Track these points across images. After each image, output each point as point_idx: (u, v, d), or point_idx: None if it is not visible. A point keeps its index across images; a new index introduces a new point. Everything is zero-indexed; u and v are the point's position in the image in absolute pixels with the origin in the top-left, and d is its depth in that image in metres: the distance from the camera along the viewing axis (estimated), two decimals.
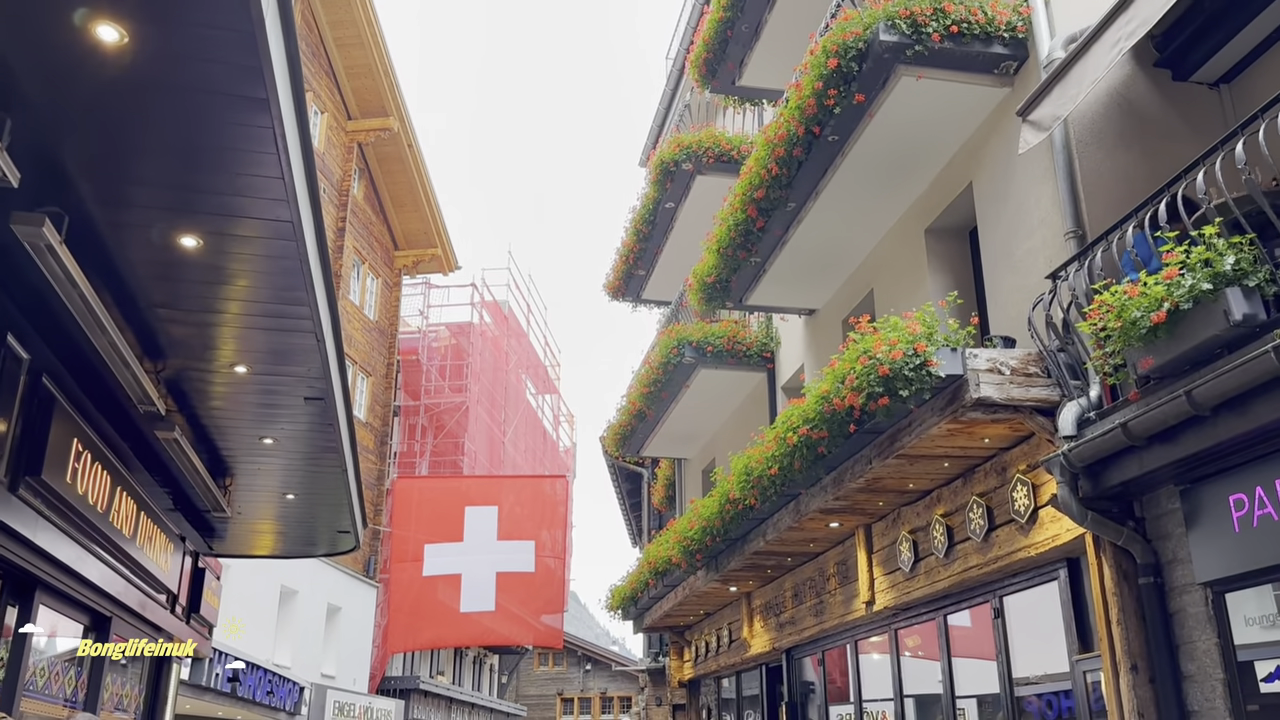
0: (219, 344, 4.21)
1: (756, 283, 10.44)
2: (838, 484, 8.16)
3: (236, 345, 4.21)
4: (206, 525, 7.25)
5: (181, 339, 4.16)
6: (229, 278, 3.67)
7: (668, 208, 14.33)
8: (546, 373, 34.17)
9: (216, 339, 4.17)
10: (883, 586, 9.00)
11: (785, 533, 9.55)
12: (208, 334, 4.12)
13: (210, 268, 3.60)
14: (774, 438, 8.02)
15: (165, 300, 3.83)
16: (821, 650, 10.98)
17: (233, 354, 4.30)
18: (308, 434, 5.26)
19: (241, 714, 14.92)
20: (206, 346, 4.26)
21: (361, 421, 22.67)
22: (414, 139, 23.44)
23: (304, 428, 5.17)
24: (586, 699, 41.48)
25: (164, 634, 6.39)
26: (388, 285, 24.69)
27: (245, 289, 3.74)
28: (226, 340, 4.16)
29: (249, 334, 4.08)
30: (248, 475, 5.95)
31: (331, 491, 6.30)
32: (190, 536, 7.05)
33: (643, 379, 13.40)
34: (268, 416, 5.01)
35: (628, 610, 15.76)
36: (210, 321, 4.01)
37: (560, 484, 16.17)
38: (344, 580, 20.82)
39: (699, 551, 10.83)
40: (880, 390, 6.40)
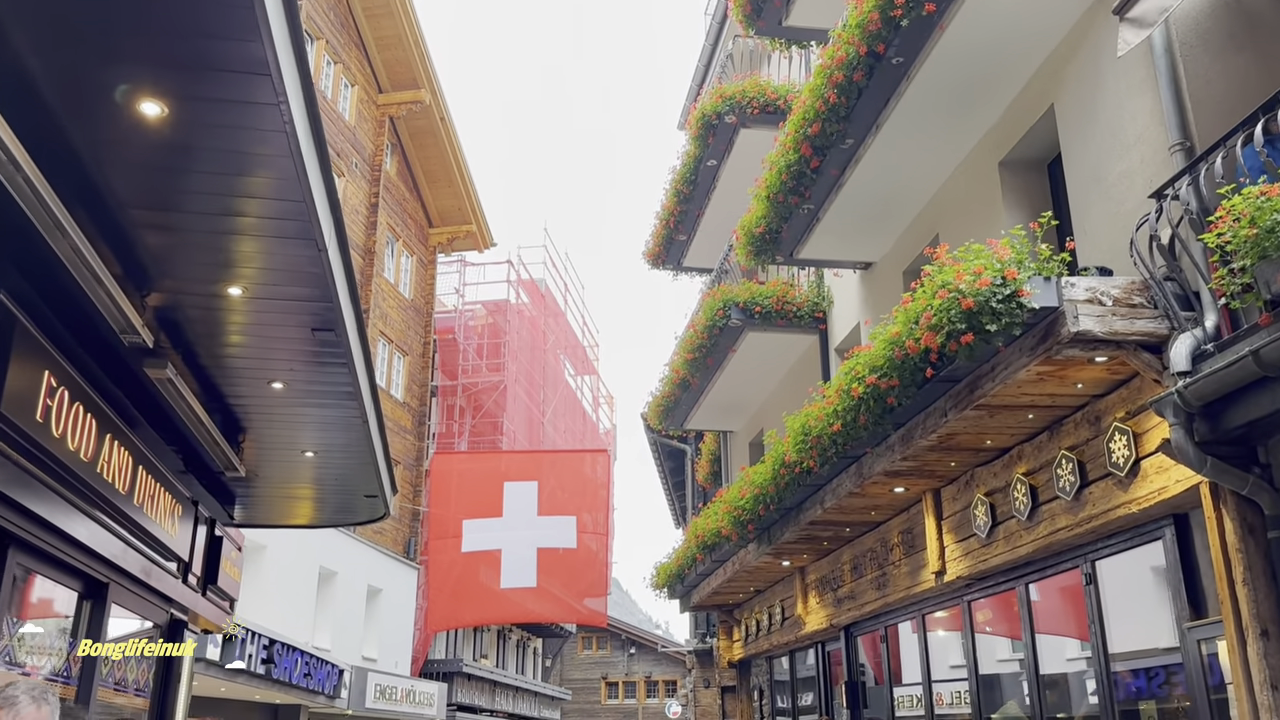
0: (204, 257, 3.61)
1: (809, 233, 9.72)
2: (906, 442, 7.45)
3: (224, 259, 3.61)
4: (224, 491, 6.72)
5: (160, 250, 3.57)
6: (201, 162, 3.06)
7: (709, 165, 13.63)
8: (585, 353, 33.62)
9: (200, 250, 3.57)
10: (954, 555, 8.28)
11: (845, 499, 8.85)
12: (189, 243, 3.52)
13: (180, 149, 2.98)
14: (836, 391, 7.32)
15: (134, 197, 3.23)
16: (884, 626, 10.28)
17: (222, 270, 3.70)
18: (320, 376, 4.67)
19: (280, 697, 14.54)
20: (191, 261, 3.67)
21: (399, 401, 22.26)
22: (446, 112, 22.91)
23: (315, 368, 4.58)
24: (631, 683, 41.06)
25: (175, 605, 5.86)
26: (422, 263, 24.23)
27: (223, 180, 3.13)
28: (212, 252, 3.56)
29: (235, 243, 3.48)
30: (260, 428, 5.39)
31: (354, 448, 5.72)
32: (207, 504, 6.52)
33: (686, 344, 12.73)
34: (273, 353, 4.42)
35: (674, 588, 15.14)
36: (189, 226, 3.41)
37: (602, 459, 15.60)
38: (384, 561, 20.45)
39: (751, 522, 10.16)
40: (963, 327, 5.68)
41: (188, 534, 5.88)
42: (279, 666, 12.84)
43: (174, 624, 5.92)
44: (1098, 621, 6.85)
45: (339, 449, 5.79)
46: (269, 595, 15.55)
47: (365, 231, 20.93)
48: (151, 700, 5.70)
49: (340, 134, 20.05)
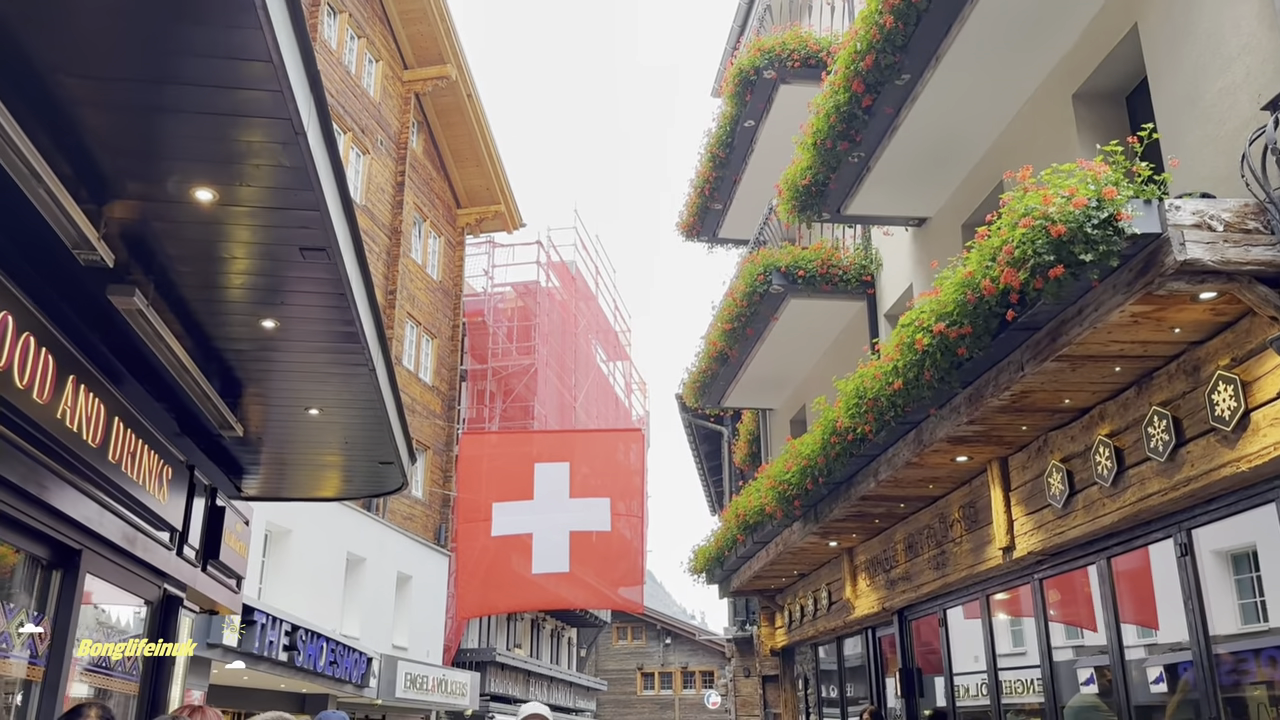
0: (160, 151, 3.01)
1: (858, 185, 9.00)
2: (974, 402, 6.73)
3: (184, 153, 3.00)
4: (229, 461, 6.17)
5: (108, 137, 2.96)
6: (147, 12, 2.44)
7: (747, 126, 12.91)
8: (617, 338, 33.01)
9: (153, 141, 2.96)
10: (1025, 528, 7.55)
11: (902, 471, 8.14)
12: (139, 130, 2.92)
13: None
14: (896, 345, 6.62)
15: (63, 61, 2.62)
16: (942, 609, 9.55)
17: (185, 170, 3.09)
18: (316, 312, 4.07)
19: (306, 686, 14.09)
20: (147, 155, 3.06)
21: (427, 385, 21.79)
22: (473, 88, 22.34)
23: (310, 302, 3.98)
24: (667, 673, 40.50)
25: (169, 580, 5.31)
26: (450, 244, 23.72)
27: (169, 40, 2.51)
28: (168, 143, 2.95)
29: (192, 129, 2.86)
30: (255, 379, 4.81)
31: (362, 404, 5.13)
32: (208, 472, 5.97)
33: (725, 314, 12.05)
34: (258, 281, 3.81)
35: (713, 573, 14.49)
36: (135, 103, 2.79)
37: (636, 439, 15.01)
38: (414, 548, 19.99)
39: (797, 498, 9.47)
40: (1050, 259, 4.97)
41: (180, 501, 5.32)
42: (302, 654, 12.35)
43: (168, 600, 5.38)
44: (1195, 598, 6.11)
45: (346, 405, 5.20)
46: (295, 581, 15.11)
47: (391, 210, 20.44)
48: (141, 683, 5.16)
49: (365, 110, 19.55)
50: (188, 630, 5.65)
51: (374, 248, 19.48)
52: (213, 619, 10.09)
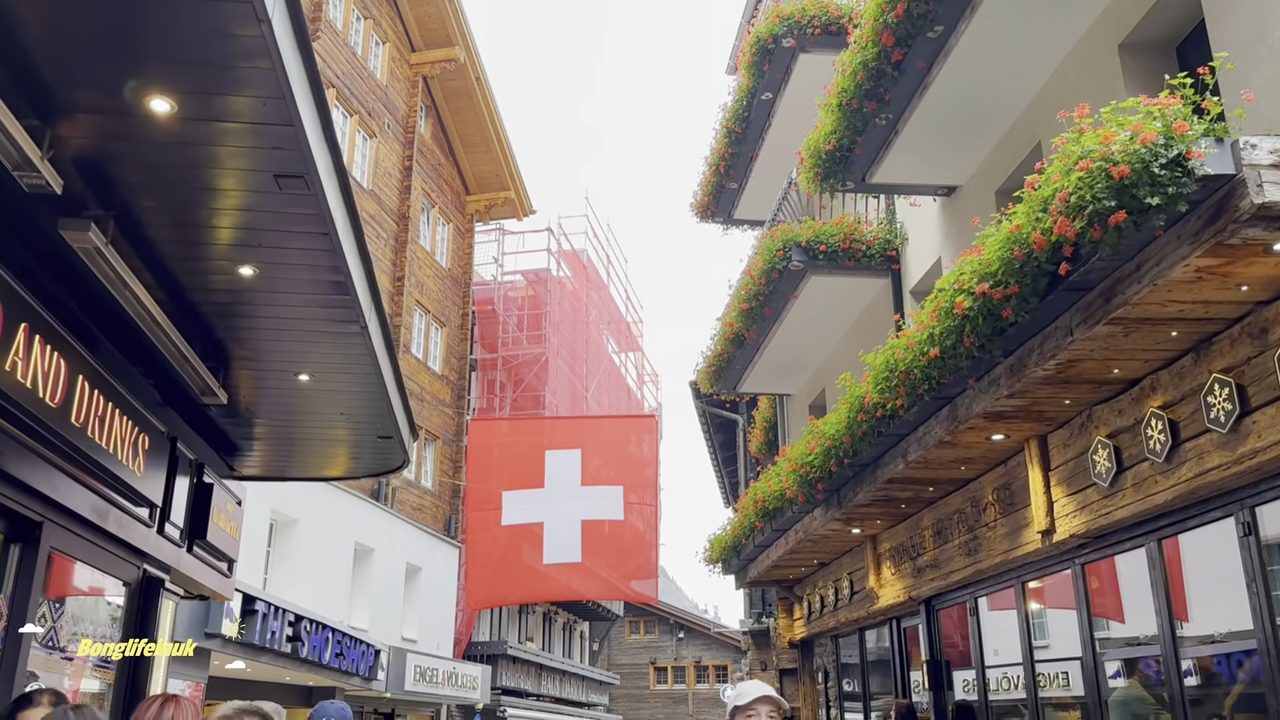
0: (104, 49, 2.58)
1: (885, 150, 8.54)
2: (1016, 373, 6.27)
3: (132, 52, 2.58)
4: (219, 436, 5.76)
5: (45, 36, 2.53)
6: None
7: (764, 99, 12.46)
8: (629, 329, 32.57)
9: (97, 37, 2.54)
10: (1067, 510, 7.08)
11: (933, 451, 7.68)
12: (79, 23, 2.49)
13: None
14: (933, 311, 6.16)
15: None
16: (973, 597, 9.09)
17: (136, 73, 2.66)
18: (300, 256, 3.64)
19: (312, 679, 13.72)
20: (90, 56, 2.64)
21: (437, 374, 21.41)
22: (482, 71, 21.92)
23: (291, 244, 3.56)
24: (680, 667, 40.10)
25: (149, 559, 4.90)
26: (459, 231, 23.32)
27: None
28: (112, 39, 2.52)
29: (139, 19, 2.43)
30: (238, 336, 4.39)
31: (356, 369, 4.70)
32: (194, 446, 5.56)
33: (741, 293, 11.59)
34: (232, 219, 3.39)
35: (729, 562, 14.05)
36: None
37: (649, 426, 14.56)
38: (423, 539, 19.62)
39: (820, 481, 9.02)
40: (1111, 205, 4.50)
41: (160, 474, 4.91)
42: (307, 645, 11.97)
43: (148, 581, 4.97)
44: (1260, 581, 5.64)
45: (338, 369, 4.77)
46: (301, 572, 14.75)
47: (399, 195, 20.04)
48: (119, 673, 4.76)
49: (371, 93, 19.15)
50: (171, 615, 5.25)
51: (381, 233, 19.09)
52: (210, 608, 9.72)
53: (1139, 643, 7.24)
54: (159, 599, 4.98)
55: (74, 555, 4.11)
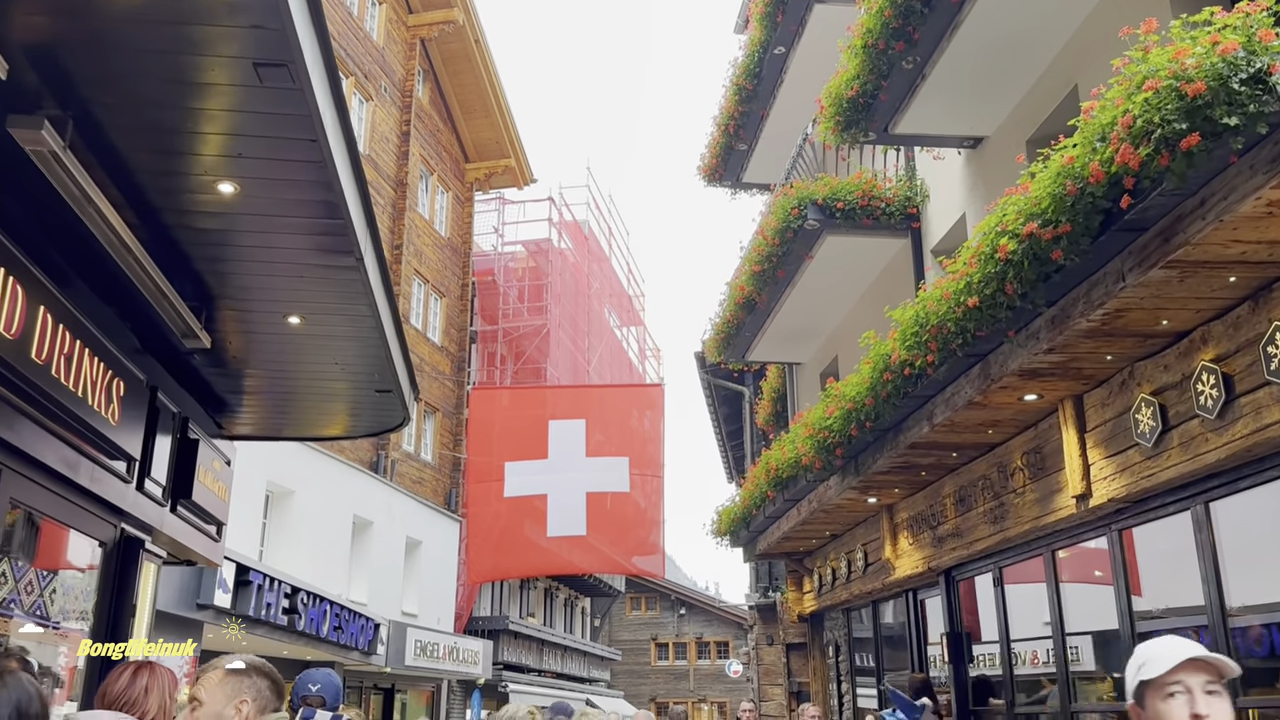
0: None
1: (911, 96, 8.09)
2: (1058, 325, 5.86)
3: None
4: (202, 387, 5.36)
5: None
6: None
7: (777, 54, 11.97)
8: (631, 303, 32.14)
9: None
10: (1104, 473, 6.70)
11: (961, 412, 7.30)
12: None
13: None
14: (971, 256, 5.74)
15: None
16: (998, 567, 8.73)
17: None
18: (285, 170, 3.23)
19: (310, 653, 13.39)
20: None
21: (436, 345, 21.00)
22: (481, 34, 21.37)
23: (275, 154, 3.14)
24: (681, 644, 39.95)
25: (127, 518, 4.52)
26: (459, 200, 22.84)
27: None
28: None
29: None
30: (219, 268, 3.98)
31: (351, 311, 4.29)
32: (177, 399, 5.15)
33: (753, 255, 11.16)
34: (206, 120, 2.96)
35: (737, 534, 13.71)
36: None
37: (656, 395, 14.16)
38: (423, 512, 19.28)
39: (839, 446, 8.63)
40: (1183, 127, 4.08)
41: (139, 425, 4.51)
42: (304, 618, 11.63)
43: (127, 542, 4.58)
44: None
45: (332, 311, 4.37)
46: (298, 544, 14.40)
47: (397, 161, 19.56)
48: (93, 638, 4.37)
49: (368, 54, 18.62)
50: (153, 579, 4.86)
51: (379, 200, 18.62)
52: (202, 578, 9.36)
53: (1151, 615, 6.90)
54: (139, 561, 4.59)
55: (39, 509, 3.72)
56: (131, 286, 3.97)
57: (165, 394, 4.85)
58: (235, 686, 2.50)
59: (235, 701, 2.49)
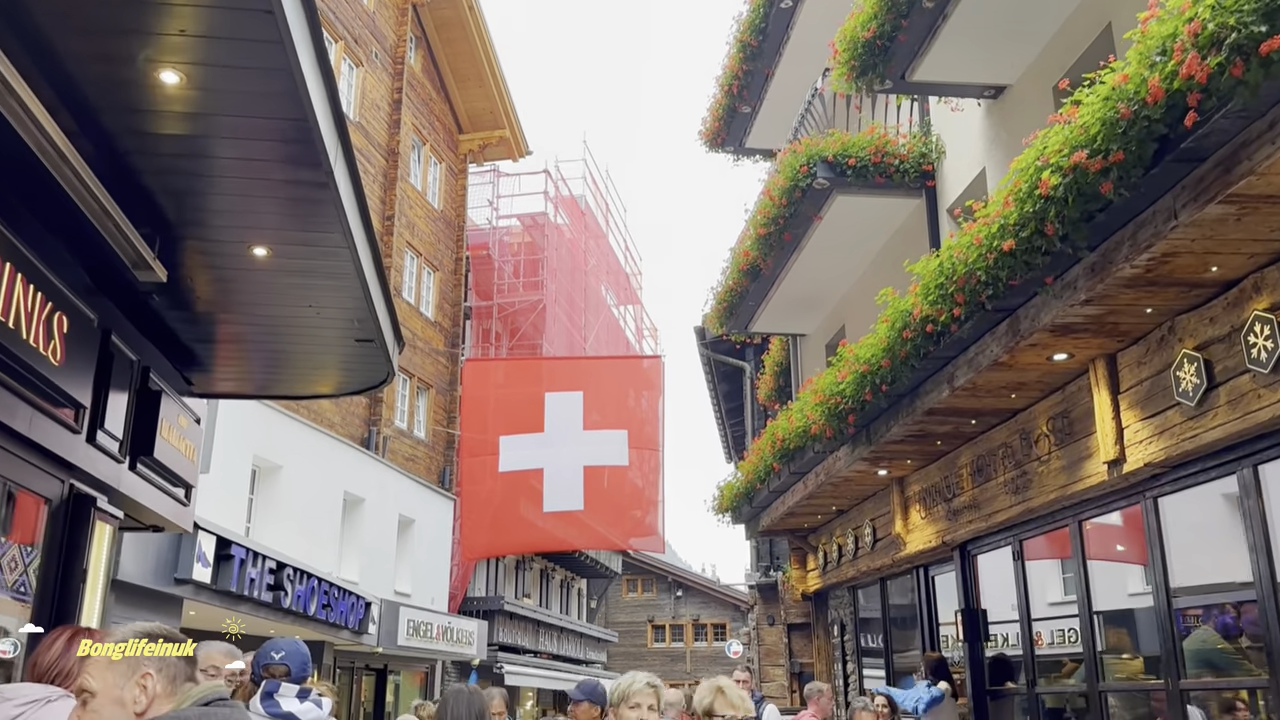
0: None
1: (931, 39, 7.60)
2: (1098, 272, 5.41)
3: None
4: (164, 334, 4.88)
5: None
6: None
7: (784, 7, 11.50)
8: (628, 280, 31.62)
9: None
10: (1140, 436, 6.26)
11: (985, 374, 6.85)
12: None
13: None
14: (1008, 196, 5.27)
15: None
16: (1018, 540, 8.31)
17: None
18: (237, 53, 2.73)
19: (298, 632, 12.95)
20: None
21: (429, 320, 20.51)
22: (475, 0, 20.77)
23: (225, 34, 2.64)
24: (678, 626, 39.67)
25: (76, 473, 4.05)
26: (452, 172, 22.29)
27: None
28: None
29: None
30: (171, 184, 3.51)
31: (323, 239, 3.81)
32: (135, 345, 4.67)
33: (759, 218, 10.68)
34: None
35: (739, 511, 13.29)
36: None
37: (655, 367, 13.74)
38: (416, 490, 18.84)
39: (853, 413, 8.18)
40: (1262, 29, 3.60)
41: (88, 369, 4.04)
42: (290, 595, 11.19)
43: (76, 500, 4.11)
44: None
45: (301, 242, 3.88)
46: (286, 521, 13.95)
47: (388, 130, 19.01)
48: (36, 607, 3.91)
49: (358, 18, 18.04)
50: (108, 542, 4.40)
51: (369, 169, 18.09)
52: (180, 550, 8.90)
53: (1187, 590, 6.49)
54: (90, 521, 4.13)
55: None
56: (77, 212, 3.49)
57: (122, 339, 4.37)
58: (133, 661, 2.04)
59: (136, 677, 2.03)
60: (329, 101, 3.16)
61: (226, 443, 12.00)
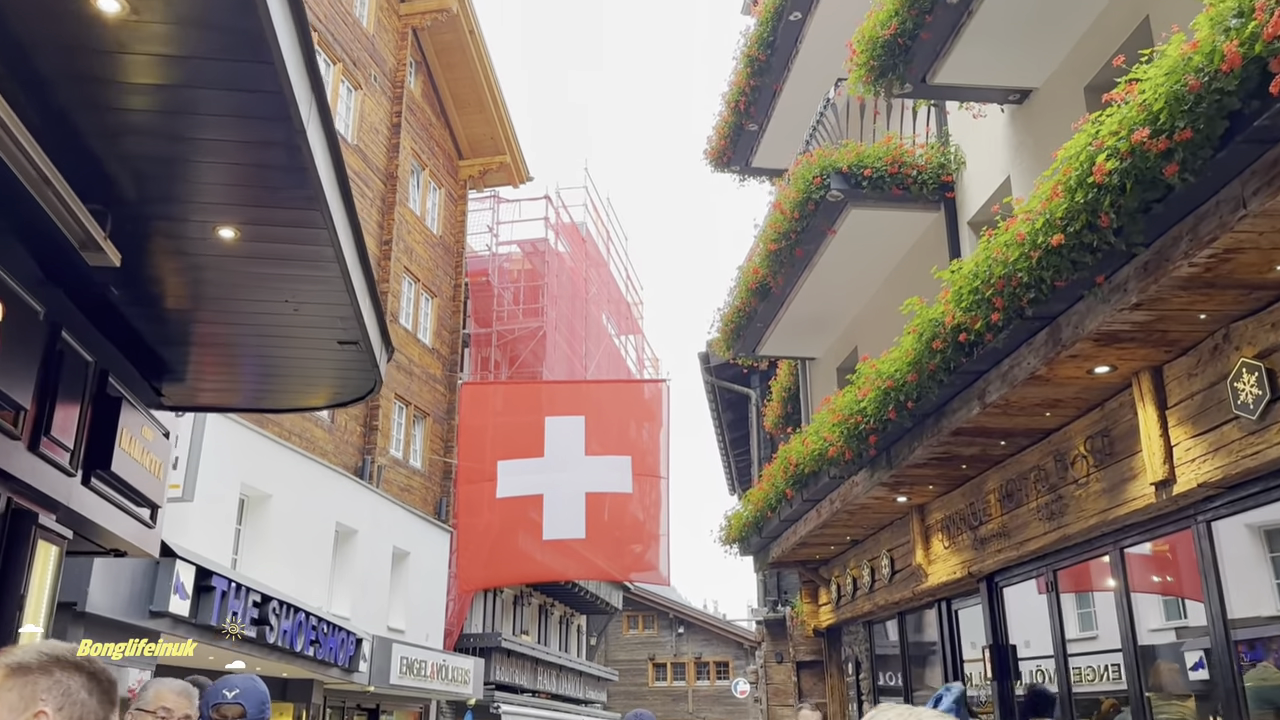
0: None
1: (955, 37, 7.22)
2: (1150, 273, 4.95)
3: None
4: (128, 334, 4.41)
5: None
6: None
7: (793, 20, 11.15)
8: (629, 310, 31.24)
9: None
10: (1192, 455, 5.77)
11: (1020, 389, 6.38)
12: None
13: None
14: (1054, 188, 4.83)
15: None
16: (1051, 569, 7.78)
17: None
18: None
19: (286, 669, 12.36)
20: None
21: (427, 347, 20.06)
22: (476, 25, 20.56)
23: None
24: (680, 664, 38.80)
25: (14, 484, 3.55)
26: (452, 197, 21.96)
27: None
28: None
29: None
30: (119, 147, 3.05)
31: (299, 218, 3.35)
32: (92, 346, 4.20)
33: (769, 233, 10.25)
34: None
35: (748, 541, 12.73)
36: None
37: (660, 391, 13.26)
38: (411, 521, 18.27)
39: (874, 433, 7.69)
40: None
41: (31, 367, 3.57)
42: (276, 630, 10.60)
43: (14, 515, 3.61)
44: None
45: (274, 221, 3.43)
46: (275, 552, 13.39)
47: (387, 154, 18.68)
48: None
49: (356, 41, 17.78)
50: (53, 565, 3.89)
51: (367, 193, 17.74)
52: (156, 580, 8.35)
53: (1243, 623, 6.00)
54: (31, 540, 3.63)
55: None
56: (13, 182, 3.02)
57: (75, 336, 3.90)
58: (26, 690, 1.56)
59: (29, 713, 1.54)
60: (300, 45, 2.72)
61: (212, 470, 11.49)
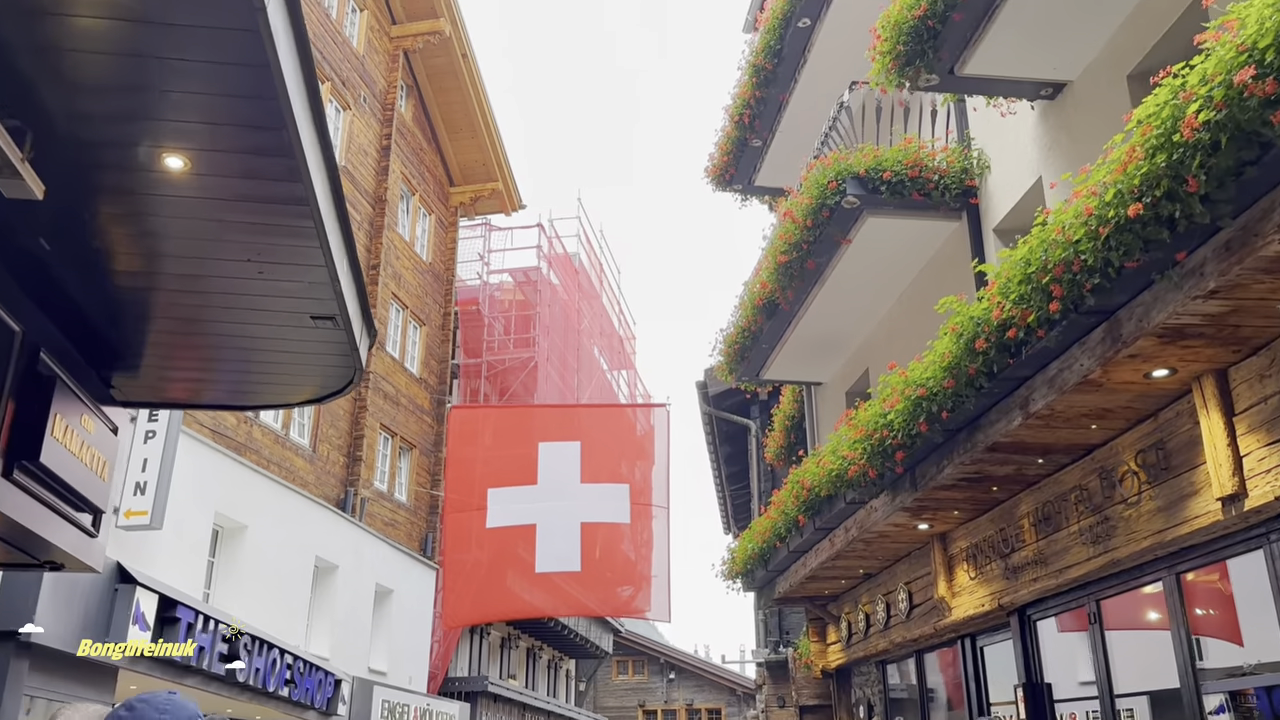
0: None
1: (988, 22, 6.74)
2: (1234, 252, 4.40)
3: None
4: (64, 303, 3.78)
5: None
6: None
7: (802, 26, 10.71)
8: (622, 344, 30.64)
9: None
10: (1268, 464, 5.17)
11: (1068, 395, 5.79)
12: None
13: None
14: (1131, 151, 4.27)
15: None
16: (1093, 599, 7.12)
17: None
18: None
19: (258, 711, 11.52)
20: None
21: (415, 377, 19.38)
22: (469, 48, 20.19)
23: None
24: (671, 710, 37.65)
25: None
26: (442, 225, 21.44)
27: None
28: None
29: None
30: (35, 34, 2.43)
31: (262, 147, 2.75)
32: (19, 312, 3.57)
33: (779, 244, 9.71)
34: None
35: (752, 575, 12.03)
36: None
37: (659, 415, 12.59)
38: (395, 557, 17.45)
39: (902, 449, 7.06)
40: None
41: None
42: (249, 668, 9.80)
43: None
44: None
45: (234, 148, 2.82)
46: (250, 588, 12.59)
47: (375, 176, 18.17)
48: None
49: (346, 61, 17.35)
50: None
51: (355, 216, 17.17)
52: (114, 610, 7.60)
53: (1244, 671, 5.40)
54: None
55: None
56: None
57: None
58: None
59: None
60: None
61: (184, 497, 10.77)
